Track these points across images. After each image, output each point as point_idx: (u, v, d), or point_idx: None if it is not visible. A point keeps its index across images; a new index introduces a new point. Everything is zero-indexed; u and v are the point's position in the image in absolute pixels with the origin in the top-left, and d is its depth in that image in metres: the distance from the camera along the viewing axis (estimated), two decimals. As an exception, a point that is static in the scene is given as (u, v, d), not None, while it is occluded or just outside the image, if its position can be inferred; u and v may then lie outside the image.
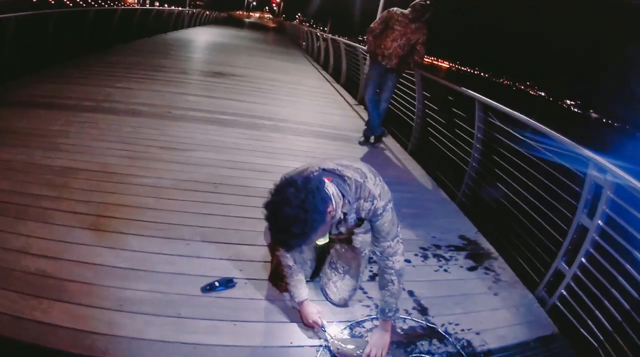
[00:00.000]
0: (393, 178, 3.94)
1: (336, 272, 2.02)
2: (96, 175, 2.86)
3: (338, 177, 1.57)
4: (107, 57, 7.44)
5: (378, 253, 1.73)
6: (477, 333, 2.03)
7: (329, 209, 1.40)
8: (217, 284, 2.02)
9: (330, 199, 1.44)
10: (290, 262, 1.84)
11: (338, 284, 2.01)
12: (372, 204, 1.58)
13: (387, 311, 1.75)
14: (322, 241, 1.97)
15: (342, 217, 1.59)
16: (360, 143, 4.80)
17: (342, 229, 1.72)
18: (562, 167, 2.68)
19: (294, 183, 1.31)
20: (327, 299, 2.06)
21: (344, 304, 2.04)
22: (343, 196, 1.54)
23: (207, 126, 4.38)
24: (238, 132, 4.37)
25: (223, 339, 1.75)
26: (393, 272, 1.70)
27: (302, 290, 1.88)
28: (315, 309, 1.88)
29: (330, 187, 1.50)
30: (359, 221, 1.70)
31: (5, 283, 1.80)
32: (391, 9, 4.36)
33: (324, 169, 1.60)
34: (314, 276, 2.15)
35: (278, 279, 2.01)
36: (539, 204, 2.85)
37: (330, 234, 1.91)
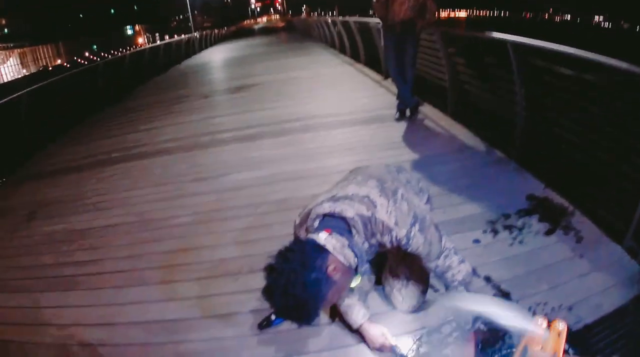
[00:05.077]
0: (439, 150, 3.63)
1: (398, 279, 1.78)
2: (134, 227, 2.82)
3: (340, 220, 1.36)
4: (125, 104, 7.54)
5: (433, 270, 1.55)
6: (570, 309, 1.73)
7: (330, 268, 1.24)
8: (273, 317, 1.85)
9: (328, 255, 1.26)
10: None
11: (403, 292, 1.78)
12: (391, 235, 1.35)
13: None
14: (355, 283, 1.55)
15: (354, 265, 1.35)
16: (397, 119, 4.47)
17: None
18: (622, 93, 2.29)
19: (275, 268, 1.22)
20: (395, 309, 1.84)
21: (414, 311, 1.80)
22: (349, 246, 1.32)
23: (237, 145, 4.28)
24: (268, 143, 4.22)
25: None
26: (457, 283, 1.54)
27: (355, 315, 1.65)
28: (378, 330, 1.64)
29: (330, 241, 1.29)
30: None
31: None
32: None
33: (324, 215, 1.38)
34: (378, 284, 1.93)
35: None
36: (609, 141, 2.46)
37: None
